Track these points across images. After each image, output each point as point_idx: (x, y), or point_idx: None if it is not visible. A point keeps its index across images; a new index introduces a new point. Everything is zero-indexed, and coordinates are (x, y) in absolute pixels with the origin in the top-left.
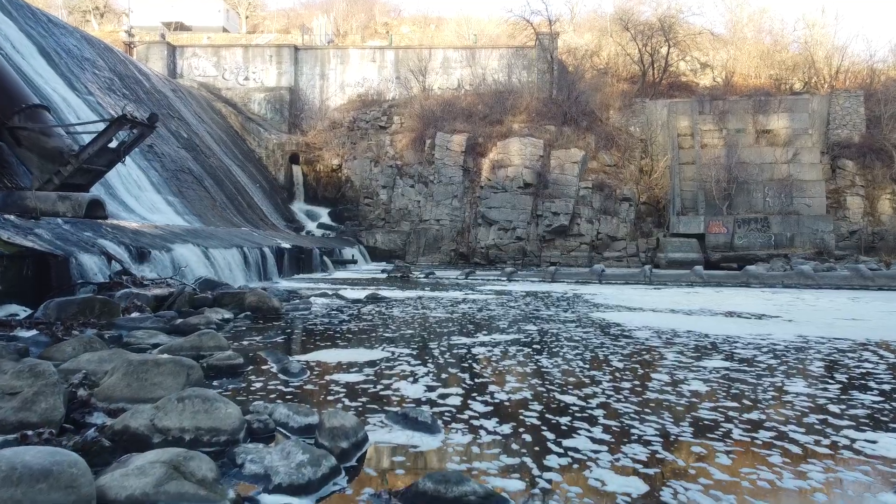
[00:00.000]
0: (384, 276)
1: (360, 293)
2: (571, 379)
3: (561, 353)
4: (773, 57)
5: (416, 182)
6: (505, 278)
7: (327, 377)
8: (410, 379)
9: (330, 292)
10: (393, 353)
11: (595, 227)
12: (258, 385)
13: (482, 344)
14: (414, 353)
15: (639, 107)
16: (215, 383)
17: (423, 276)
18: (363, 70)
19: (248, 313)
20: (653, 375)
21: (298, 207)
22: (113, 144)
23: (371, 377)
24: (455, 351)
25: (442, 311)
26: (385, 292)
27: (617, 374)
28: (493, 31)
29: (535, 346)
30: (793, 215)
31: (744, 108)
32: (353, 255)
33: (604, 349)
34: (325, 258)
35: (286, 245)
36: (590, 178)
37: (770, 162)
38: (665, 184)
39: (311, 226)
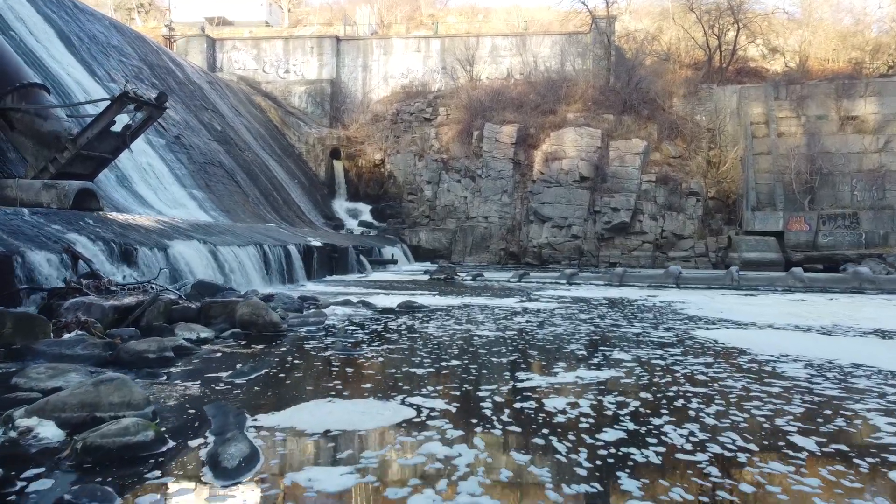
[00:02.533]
0: (426, 277)
1: (394, 300)
2: (747, 488)
3: (691, 412)
4: (853, 38)
5: (462, 177)
6: (564, 281)
7: (288, 476)
8: (444, 481)
9: (356, 299)
10: (418, 409)
11: (659, 224)
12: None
13: (558, 389)
14: (452, 409)
15: (705, 93)
16: (69, 495)
17: (469, 278)
18: (407, 60)
19: (238, 330)
20: None
21: (339, 204)
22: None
23: (370, 476)
24: (518, 405)
25: (493, 327)
26: (424, 298)
27: (827, 473)
28: (543, 17)
29: (643, 396)
30: (886, 210)
31: (825, 93)
32: (392, 255)
33: (756, 403)
34: (362, 258)
35: (316, 243)
36: (653, 171)
37: (857, 151)
38: (736, 176)
39: (351, 223)
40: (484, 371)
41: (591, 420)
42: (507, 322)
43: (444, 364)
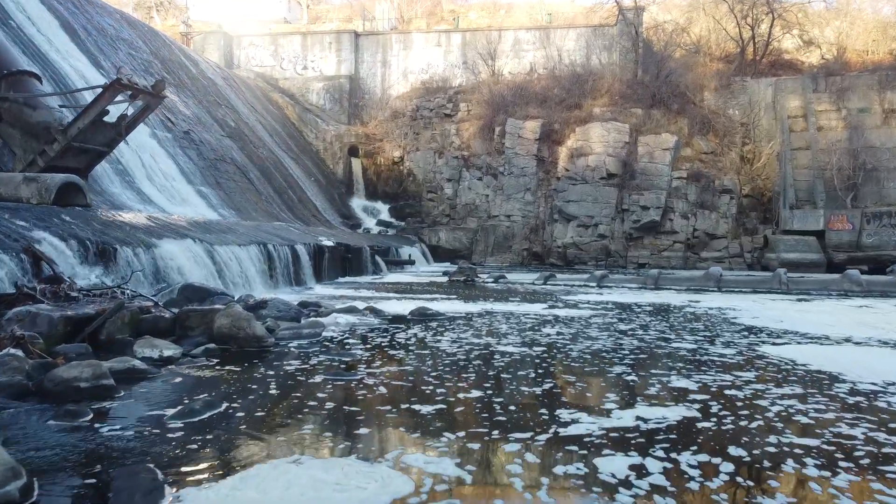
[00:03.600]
0: (445, 279)
1: (407, 305)
2: None
3: (814, 486)
4: (893, 29)
5: (483, 174)
6: (594, 284)
7: None
8: None
9: (365, 305)
10: (418, 478)
11: (691, 222)
12: None
13: (614, 440)
14: (466, 476)
15: (738, 86)
16: None
17: (490, 280)
18: (427, 55)
19: (213, 345)
20: None
21: (357, 203)
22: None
23: None
24: (561, 469)
25: (518, 341)
26: (440, 304)
27: None
28: (567, 10)
29: (734, 454)
30: None
31: (867, 85)
32: (409, 255)
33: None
34: (378, 258)
35: (328, 242)
36: (684, 167)
37: None
38: (771, 173)
39: (369, 223)
40: (511, 408)
41: (672, 502)
42: (536, 334)
43: (458, 396)
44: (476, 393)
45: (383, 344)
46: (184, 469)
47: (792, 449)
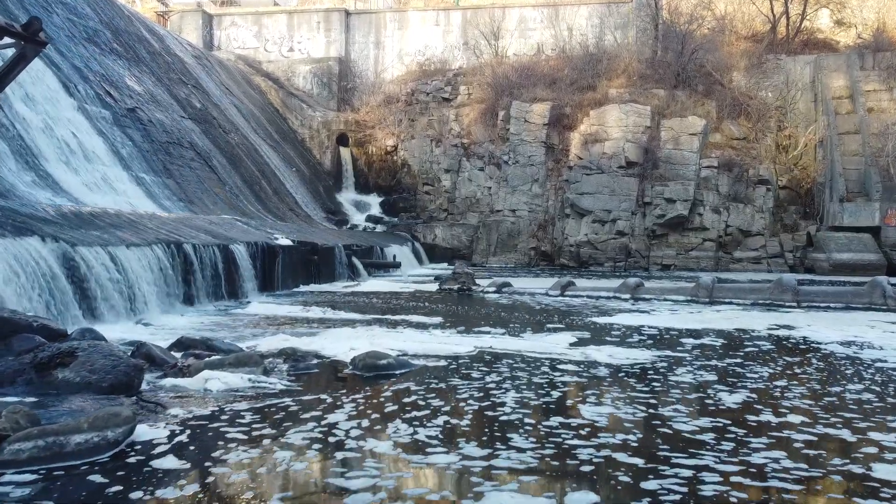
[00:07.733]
0: (435, 287)
1: (359, 341)
2: None
3: None
4: None
5: (486, 164)
6: (627, 296)
7: None
8: None
9: (284, 343)
10: None
11: (723, 217)
12: None
13: None
14: None
15: (772, 65)
16: None
17: (492, 289)
18: (425, 36)
19: None
20: None
21: (346, 197)
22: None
23: None
24: None
25: (532, 467)
26: (413, 336)
27: None
28: None
29: None
30: None
31: None
32: (394, 257)
33: None
34: (356, 261)
35: (284, 241)
36: (713, 155)
37: None
38: (810, 161)
39: (358, 218)
40: None
41: None
42: (567, 431)
43: None
44: None
45: (229, 482)
46: None
47: None
